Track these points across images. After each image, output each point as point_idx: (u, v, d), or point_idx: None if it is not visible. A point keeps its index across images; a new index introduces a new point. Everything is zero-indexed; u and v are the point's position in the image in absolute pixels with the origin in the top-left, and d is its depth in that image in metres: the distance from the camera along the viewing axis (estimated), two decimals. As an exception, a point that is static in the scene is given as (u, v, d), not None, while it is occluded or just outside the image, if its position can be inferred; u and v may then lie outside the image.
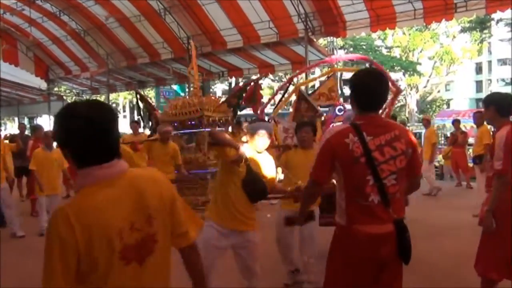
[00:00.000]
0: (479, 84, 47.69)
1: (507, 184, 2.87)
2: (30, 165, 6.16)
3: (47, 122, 18.00)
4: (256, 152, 3.11)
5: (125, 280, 1.36)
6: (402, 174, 2.06)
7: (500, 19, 22.22)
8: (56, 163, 6.13)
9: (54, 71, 17.82)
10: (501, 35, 32.46)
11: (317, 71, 15.96)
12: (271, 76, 26.77)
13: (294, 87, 6.28)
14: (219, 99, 7.54)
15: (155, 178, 1.52)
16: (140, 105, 8.18)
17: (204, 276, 1.67)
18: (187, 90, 15.87)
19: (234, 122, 7.98)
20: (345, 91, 27.33)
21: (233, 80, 24.56)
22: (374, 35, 23.14)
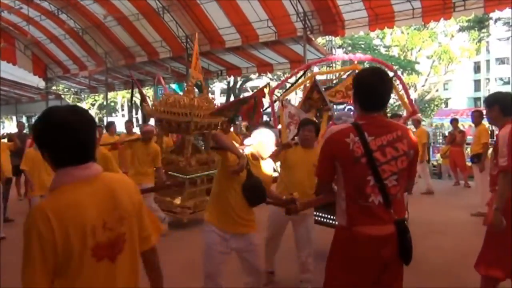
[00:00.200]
0: (477, 83, 47.79)
1: None
2: (22, 165, 6.06)
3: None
4: (259, 157, 3.08)
5: (98, 276, 1.43)
6: (403, 175, 2.05)
7: (499, 18, 22.16)
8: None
9: (52, 70, 17.81)
10: (499, 34, 32.41)
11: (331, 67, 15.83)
12: (269, 75, 26.74)
13: (310, 74, 6.10)
14: (213, 100, 7.27)
15: (126, 181, 1.65)
16: (136, 100, 7.79)
17: (162, 277, 1.75)
18: (185, 89, 15.78)
19: (229, 121, 7.76)
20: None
21: (231, 79, 24.55)
22: (372, 34, 23.08)
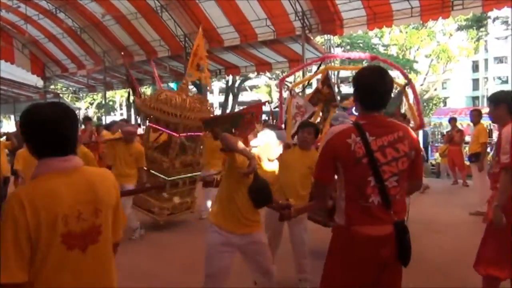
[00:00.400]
0: (476, 82, 47.86)
1: None
2: (14, 164, 5.99)
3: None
4: (266, 159, 3.04)
5: (66, 265, 1.50)
6: (404, 175, 2.03)
7: (497, 17, 22.18)
8: None
9: (50, 69, 17.75)
10: (497, 33, 32.51)
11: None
12: (268, 74, 26.73)
13: (323, 67, 5.97)
14: (207, 102, 6.90)
15: (106, 176, 1.73)
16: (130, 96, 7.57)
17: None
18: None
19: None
20: (342, 89, 27.45)
21: (230, 78, 24.53)
22: (371, 33, 23.05)
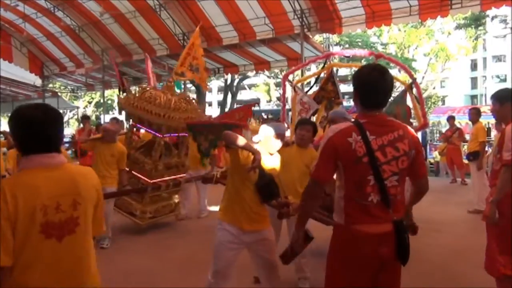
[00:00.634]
0: (474, 80, 47.89)
1: None
2: (6, 163, 5.99)
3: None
4: (267, 154, 3.03)
5: (42, 253, 1.60)
6: (404, 175, 2.03)
7: (495, 16, 22.21)
8: None
9: (48, 68, 17.71)
10: (496, 31, 32.56)
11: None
12: (267, 73, 26.71)
13: (328, 65, 5.96)
14: (196, 103, 6.52)
15: (90, 174, 1.86)
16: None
17: None
18: (182, 86, 15.75)
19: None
20: (340, 88, 27.41)
21: (228, 76, 24.50)
22: (369, 32, 23.08)
